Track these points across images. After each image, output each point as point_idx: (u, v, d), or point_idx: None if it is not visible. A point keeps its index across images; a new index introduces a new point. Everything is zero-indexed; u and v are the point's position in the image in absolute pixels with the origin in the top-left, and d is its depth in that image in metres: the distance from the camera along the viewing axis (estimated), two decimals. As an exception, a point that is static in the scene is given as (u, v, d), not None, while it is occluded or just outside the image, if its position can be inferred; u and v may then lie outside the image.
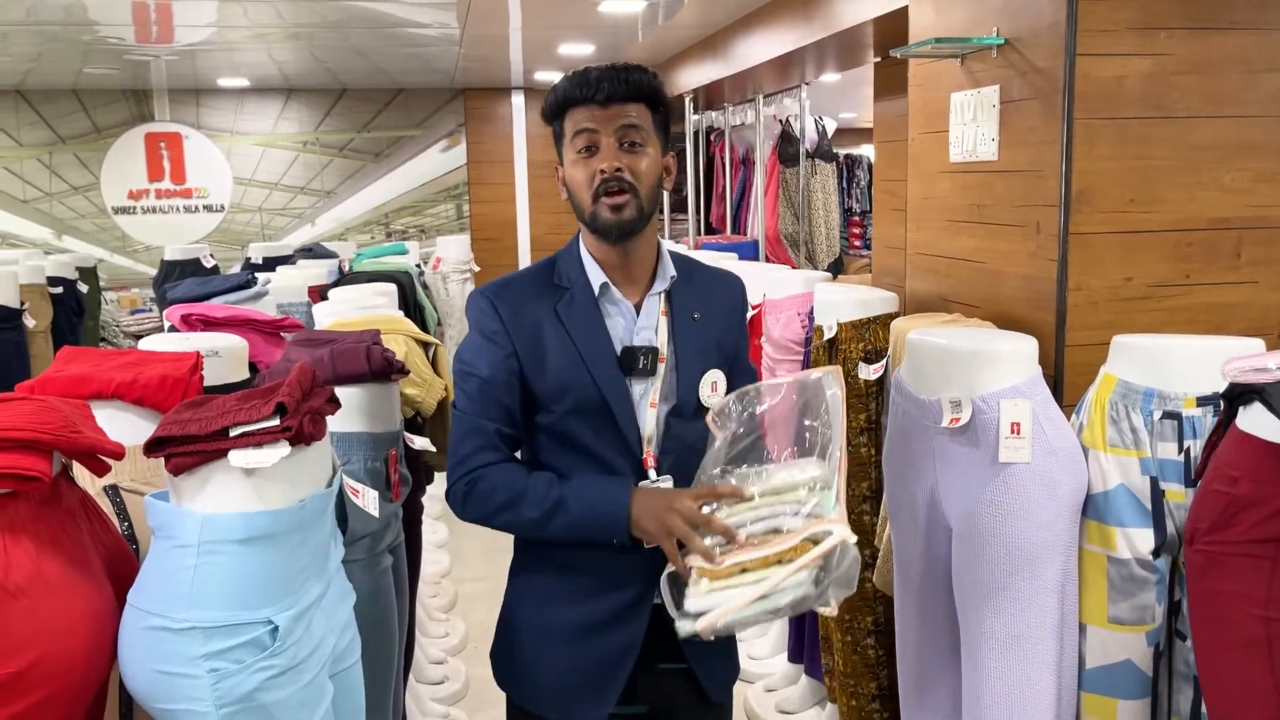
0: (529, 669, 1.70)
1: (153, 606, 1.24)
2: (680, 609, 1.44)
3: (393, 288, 3.49)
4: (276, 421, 1.27)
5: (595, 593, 1.64)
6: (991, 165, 2.42)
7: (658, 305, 1.68)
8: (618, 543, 1.58)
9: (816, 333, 2.80)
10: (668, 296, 1.68)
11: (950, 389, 1.93)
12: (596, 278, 1.65)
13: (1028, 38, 2.26)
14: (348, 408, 1.83)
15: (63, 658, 1.19)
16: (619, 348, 1.64)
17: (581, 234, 1.69)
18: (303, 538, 1.32)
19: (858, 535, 2.57)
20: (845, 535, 1.37)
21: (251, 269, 4.70)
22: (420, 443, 2.22)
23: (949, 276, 2.65)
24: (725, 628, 1.39)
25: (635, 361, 1.63)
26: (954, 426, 1.90)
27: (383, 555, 2.08)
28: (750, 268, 3.76)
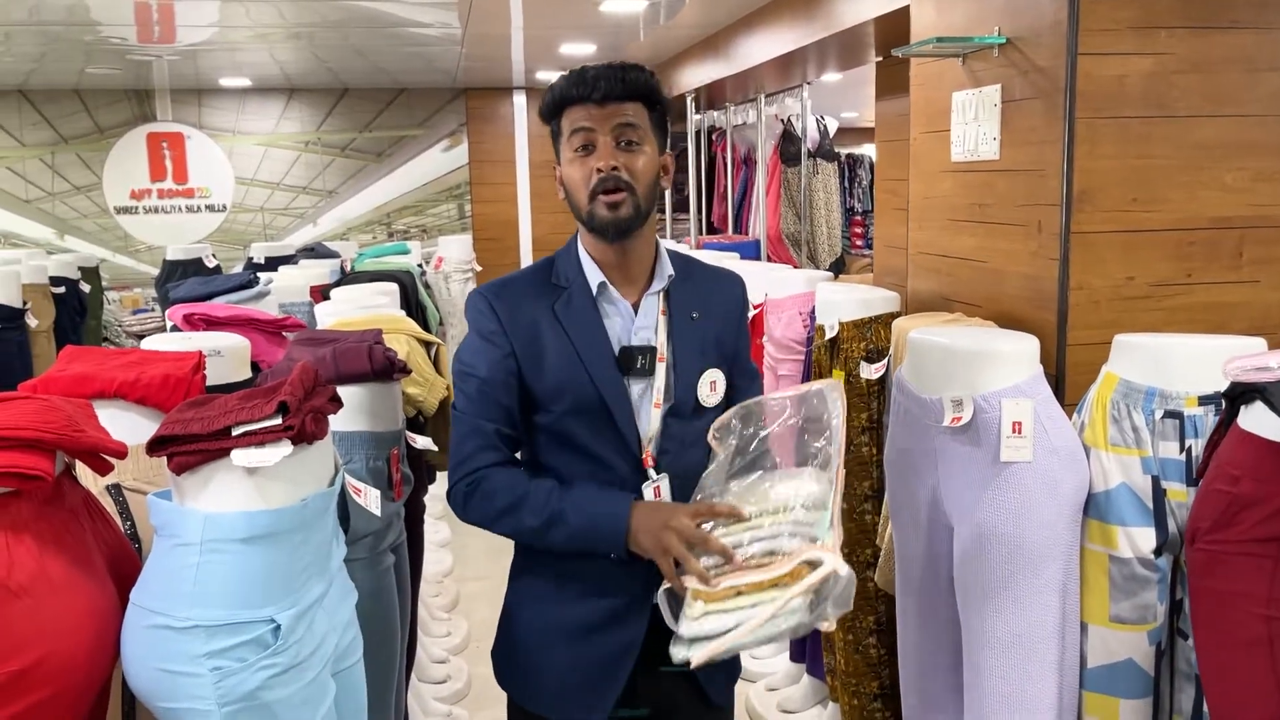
0: (529, 669, 1.70)
1: (155, 605, 1.24)
2: (675, 626, 1.44)
3: (395, 287, 3.49)
4: (279, 420, 1.27)
5: (595, 593, 1.63)
6: (993, 164, 2.42)
7: (656, 304, 1.67)
8: (615, 557, 1.58)
9: (818, 332, 2.80)
10: (666, 296, 1.68)
11: (952, 388, 1.93)
12: (594, 277, 1.65)
13: (1029, 37, 2.26)
14: (350, 407, 1.83)
15: (66, 656, 1.19)
16: (617, 347, 1.64)
17: (579, 233, 1.68)
18: (305, 536, 1.32)
19: (860, 534, 2.62)
20: (837, 565, 1.35)
21: (254, 269, 4.70)
22: (422, 442, 2.23)
23: (950, 276, 2.65)
24: (718, 658, 1.39)
25: (633, 361, 1.62)
26: (955, 426, 1.90)
27: (385, 554, 2.08)
28: (752, 267, 3.76)
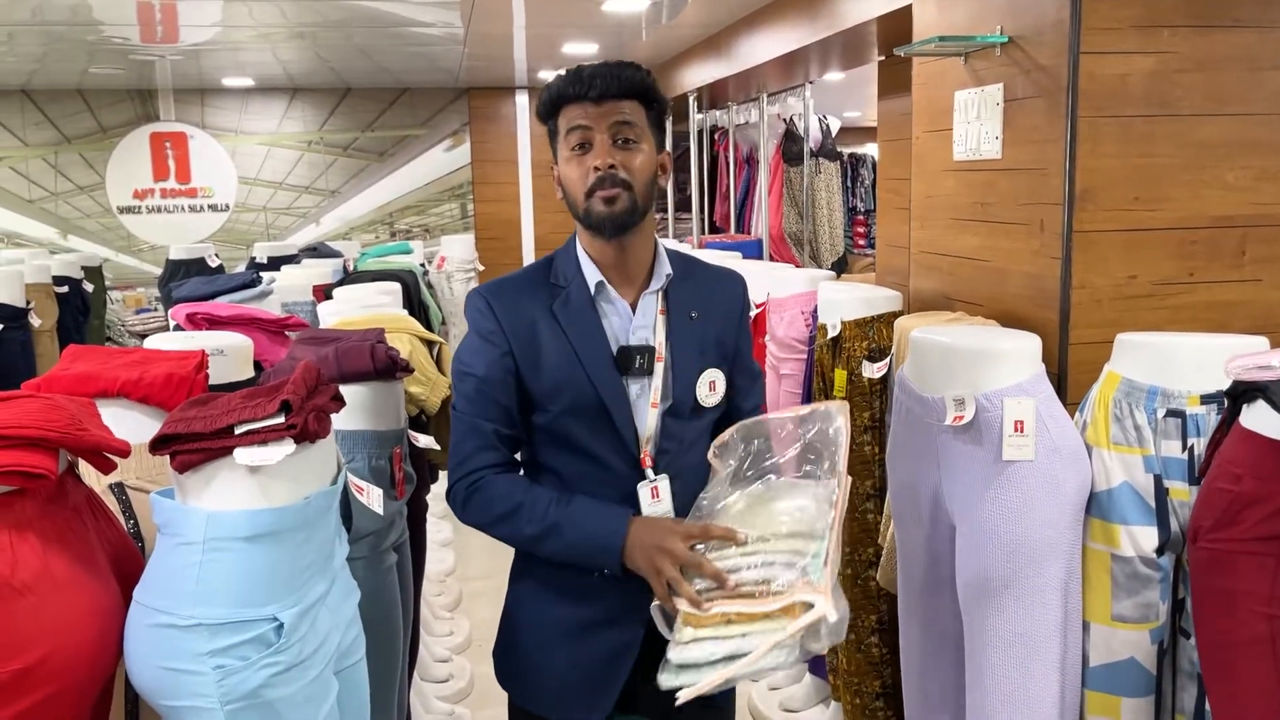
0: (529, 669, 1.70)
1: (158, 603, 1.24)
2: (669, 635, 1.45)
3: (397, 287, 3.49)
4: (281, 419, 1.27)
5: (594, 594, 1.63)
6: (995, 163, 2.42)
7: (655, 304, 1.67)
8: (608, 573, 1.57)
9: (820, 331, 2.80)
10: (665, 295, 1.67)
11: (954, 387, 1.92)
12: (592, 276, 1.65)
13: (1031, 36, 2.26)
14: (352, 406, 1.83)
15: (69, 654, 1.19)
16: (615, 347, 1.63)
17: (578, 232, 1.68)
18: (307, 535, 1.32)
19: (862, 533, 2.62)
20: (827, 611, 1.35)
21: (256, 268, 4.71)
22: (425, 441, 2.23)
23: (953, 275, 2.65)
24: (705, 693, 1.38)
25: (631, 361, 1.62)
26: (957, 424, 1.90)
27: (387, 553, 2.08)
28: (754, 266, 3.76)
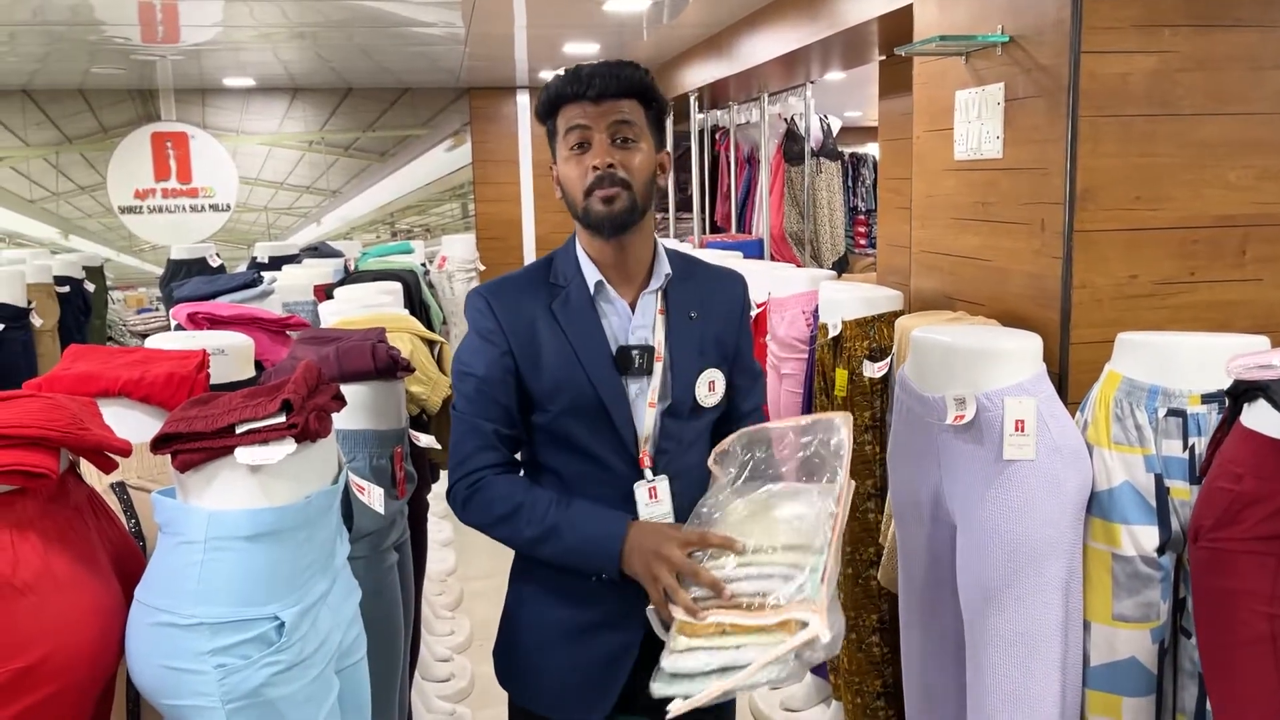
0: (529, 669, 1.70)
1: (160, 602, 1.25)
2: (665, 637, 1.45)
3: (398, 286, 3.49)
4: (282, 418, 1.27)
5: (594, 595, 1.63)
6: (996, 163, 2.42)
7: (654, 303, 1.67)
8: (606, 578, 1.56)
9: (821, 331, 2.80)
10: (664, 295, 1.67)
11: (954, 386, 1.92)
12: (592, 275, 1.65)
13: (1032, 35, 2.26)
14: (353, 405, 1.83)
15: (70, 653, 1.20)
16: (614, 346, 1.63)
17: (577, 232, 1.68)
18: (308, 534, 1.32)
19: (862, 533, 2.62)
20: (820, 631, 1.35)
21: (257, 268, 4.71)
22: (425, 440, 2.23)
23: (953, 274, 2.65)
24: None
25: (630, 360, 1.62)
26: (958, 424, 1.90)
27: (388, 552, 2.09)
28: (755, 266, 3.76)
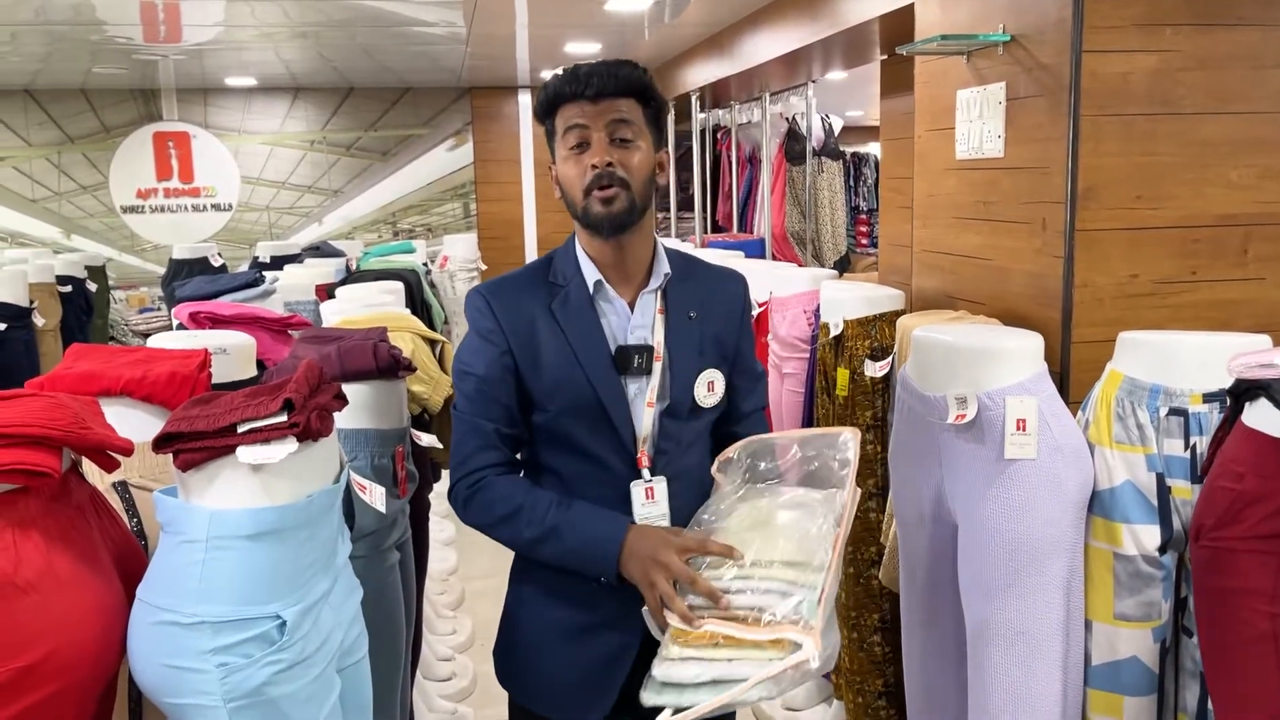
0: (528, 669, 1.70)
1: (161, 601, 1.25)
2: (652, 658, 1.44)
3: (400, 286, 3.50)
4: (284, 418, 1.27)
5: (594, 597, 1.63)
6: (998, 162, 2.42)
7: (653, 303, 1.67)
8: (605, 581, 1.56)
9: (823, 330, 2.80)
10: (663, 294, 1.67)
11: (956, 385, 1.92)
12: (591, 275, 1.64)
13: (1034, 34, 2.26)
14: (355, 404, 1.84)
15: (72, 652, 1.20)
16: (613, 346, 1.63)
17: (577, 231, 1.68)
18: (310, 533, 1.32)
19: (864, 532, 2.62)
20: (811, 656, 1.34)
21: (259, 267, 4.71)
22: (427, 439, 2.23)
23: (955, 274, 2.65)
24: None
25: (629, 360, 1.62)
26: (959, 423, 1.90)
27: (390, 551, 2.09)
28: (756, 265, 3.76)
